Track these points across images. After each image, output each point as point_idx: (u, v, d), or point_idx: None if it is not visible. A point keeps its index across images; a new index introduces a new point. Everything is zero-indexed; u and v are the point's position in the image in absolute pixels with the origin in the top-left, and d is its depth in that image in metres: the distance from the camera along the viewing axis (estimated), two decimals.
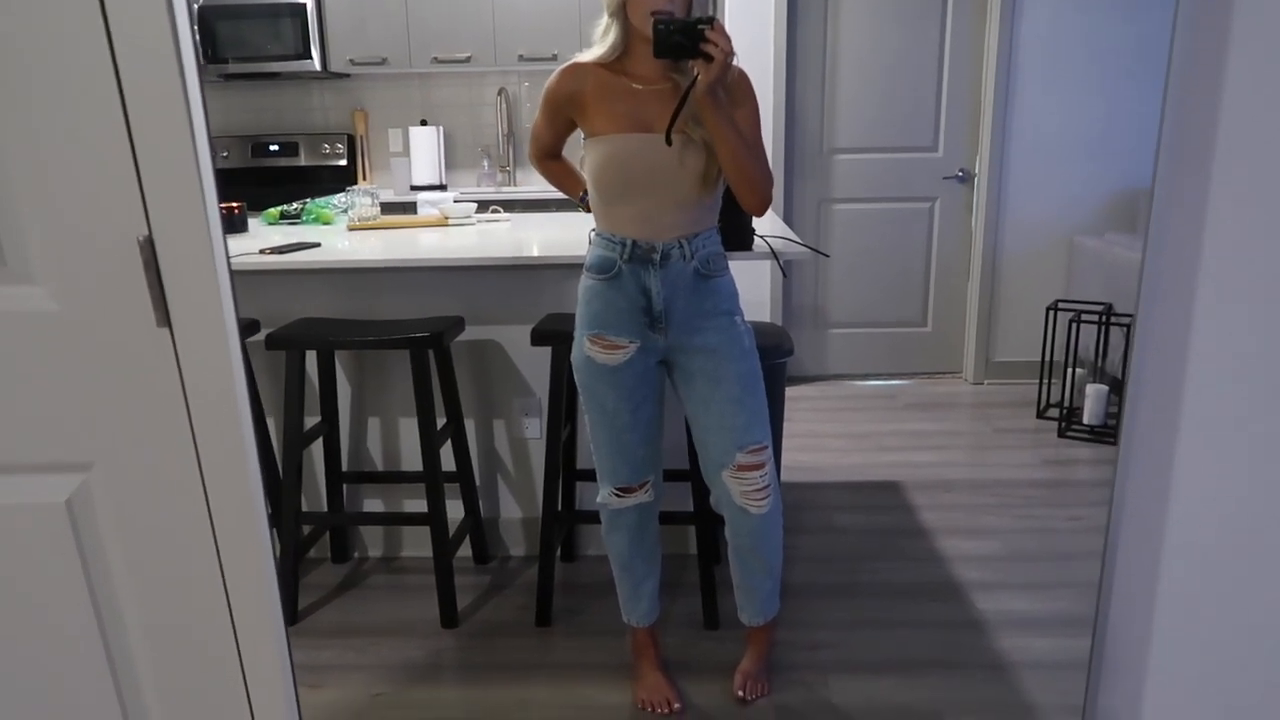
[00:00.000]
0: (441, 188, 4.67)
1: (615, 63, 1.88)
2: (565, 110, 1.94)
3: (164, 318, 1.03)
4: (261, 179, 4.82)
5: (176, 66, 0.96)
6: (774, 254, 2.34)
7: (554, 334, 2.37)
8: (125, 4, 0.95)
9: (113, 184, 0.99)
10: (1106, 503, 1.41)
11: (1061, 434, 3.84)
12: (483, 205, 3.49)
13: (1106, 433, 3.78)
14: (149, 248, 1.01)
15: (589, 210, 2.03)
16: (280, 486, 2.50)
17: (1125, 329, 3.74)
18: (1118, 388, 3.82)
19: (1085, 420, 3.84)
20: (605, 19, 1.87)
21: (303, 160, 4.83)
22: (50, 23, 0.96)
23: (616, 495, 2.09)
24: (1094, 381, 3.91)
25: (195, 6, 4.29)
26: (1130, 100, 4.22)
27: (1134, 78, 4.19)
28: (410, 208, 4.19)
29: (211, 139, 1.06)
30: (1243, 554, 1.29)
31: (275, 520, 2.57)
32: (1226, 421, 1.26)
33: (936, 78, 4.35)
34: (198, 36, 4.31)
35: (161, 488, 1.11)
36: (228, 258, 1.01)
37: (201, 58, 4.33)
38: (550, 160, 2.15)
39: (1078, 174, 4.34)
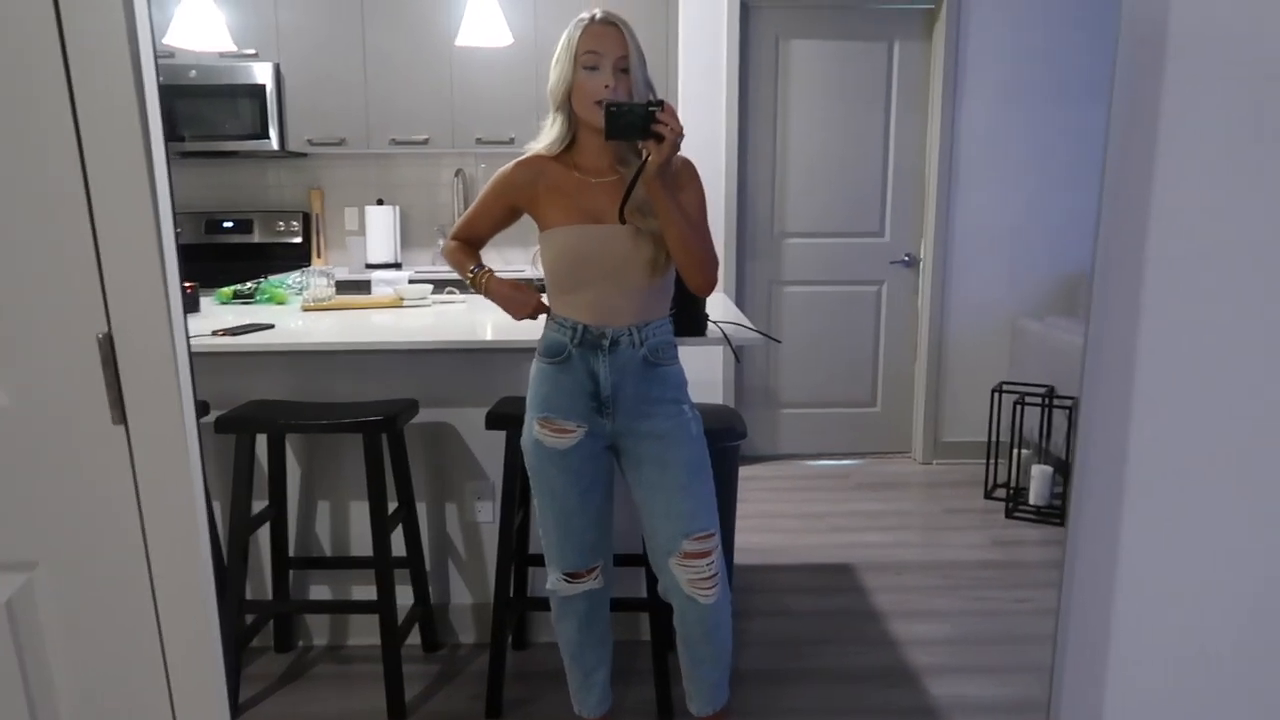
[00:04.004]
0: (397, 266, 4.69)
1: (564, 155, 1.95)
2: (513, 197, 1.98)
3: (120, 415, 1.02)
4: (214, 255, 4.80)
5: (145, 167, 0.97)
6: (727, 339, 2.38)
7: (508, 417, 2.37)
8: (94, 101, 0.97)
9: (74, 281, 0.99)
10: (1054, 584, 1.44)
11: (1009, 514, 3.90)
12: (438, 285, 3.50)
13: (1052, 513, 3.84)
14: (108, 345, 1.00)
15: (477, 288, 2.05)
16: (224, 573, 2.44)
17: (1068, 411, 3.84)
18: (1062, 468, 3.90)
19: (1031, 501, 3.91)
20: (551, 114, 1.94)
21: (257, 237, 4.82)
22: (16, 118, 0.97)
23: (565, 581, 2.08)
24: (1039, 462, 3.99)
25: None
26: (1068, 187, 4.40)
27: (1071, 166, 4.38)
28: (365, 286, 4.20)
29: (175, 230, 1.07)
30: (1191, 636, 1.32)
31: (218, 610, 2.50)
32: (1169, 502, 1.31)
33: (882, 166, 4.50)
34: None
35: (108, 588, 1.08)
36: (190, 358, 1.01)
37: None
38: (469, 245, 2.12)
39: (1019, 258, 4.49)
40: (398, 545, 2.62)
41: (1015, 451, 4.03)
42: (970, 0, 4.26)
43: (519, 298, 2.03)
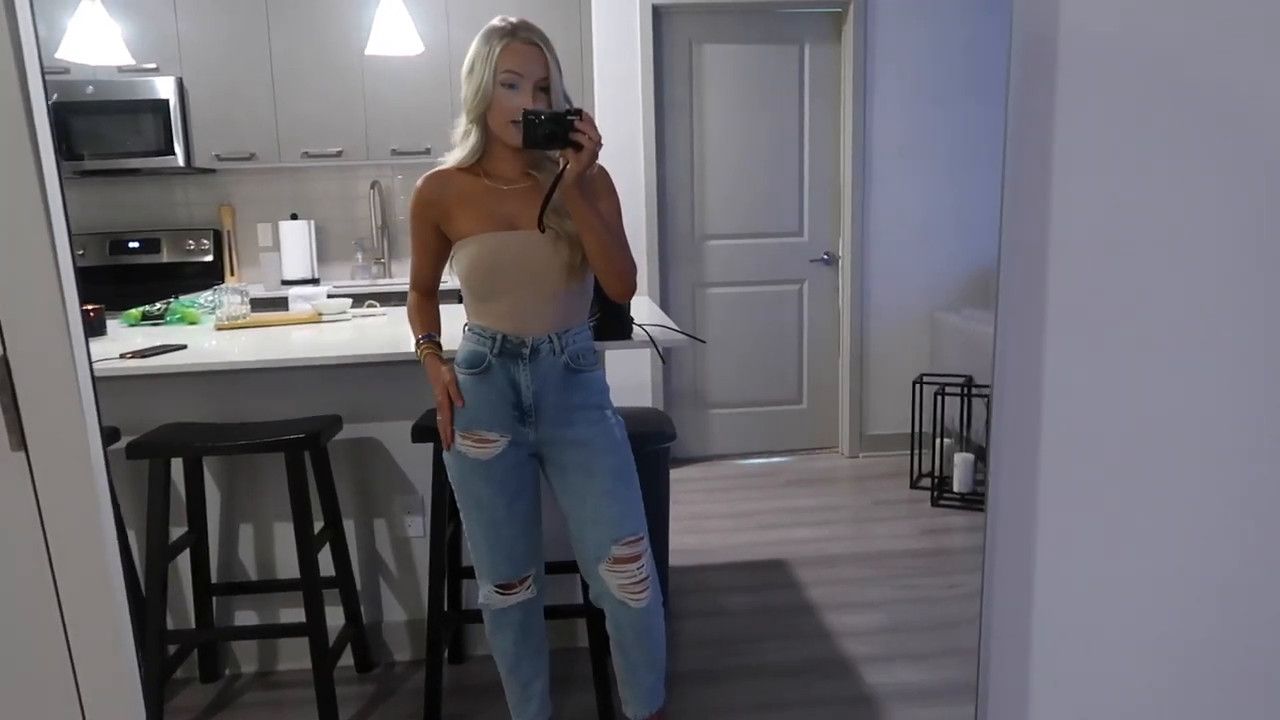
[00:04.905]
0: (314, 282, 4.59)
1: (475, 165, 1.93)
2: (431, 215, 1.95)
3: (19, 441, 0.97)
4: (121, 277, 4.63)
5: (38, 185, 0.93)
6: (653, 342, 2.39)
7: (435, 429, 2.33)
8: None
9: None
10: (980, 569, 1.48)
11: (934, 503, 3.99)
12: (358, 299, 3.44)
13: (975, 499, 3.94)
14: (4, 368, 0.96)
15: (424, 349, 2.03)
16: (143, 604, 2.35)
17: (986, 399, 3.94)
18: (983, 455, 4.01)
19: (955, 488, 4.01)
20: (464, 123, 1.91)
21: (165, 257, 4.67)
22: None
23: (499, 593, 2.05)
24: (961, 450, 4.09)
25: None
26: (981, 182, 4.52)
27: (983, 161, 4.50)
28: (282, 303, 4.10)
29: (72, 247, 1.03)
30: (1109, 613, 1.36)
31: (138, 642, 2.41)
32: (1081, 484, 1.35)
33: (798, 166, 4.57)
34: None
35: (14, 623, 1.03)
36: (93, 376, 0.97)
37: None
38: (426, 298, 2.09)
39: (935, 253, 4.60)
40: (326, 565, 2.57)
41: (938, 441, 4.12)
42: (876, 1, 4.36)
43: (440, 388, 1.98)
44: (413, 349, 2.08)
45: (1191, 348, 1.26)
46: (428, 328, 2.08)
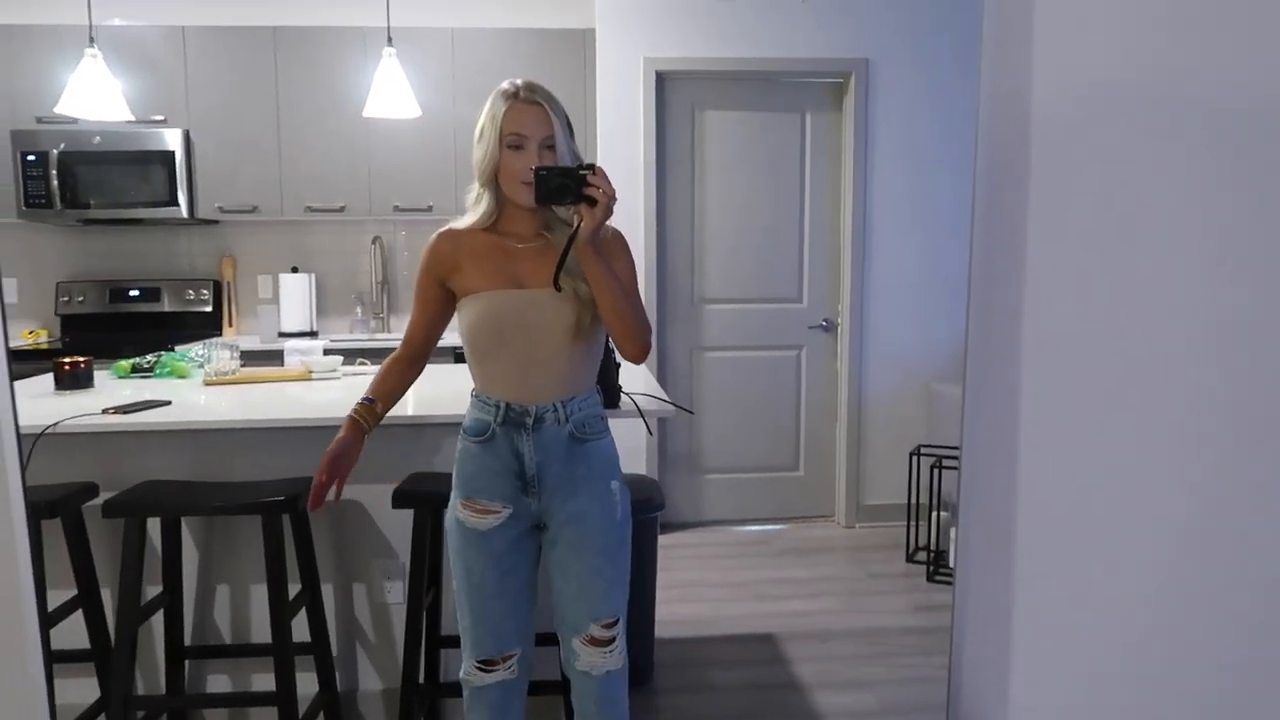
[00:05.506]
0: (313, 334, 4.58)
1: (489, 226, 1.92)
2: (440, 271, 1.93)
3: None
4: (120, 324, 4.63)
5: None
6: (641, 414, 2.35)
7: (416, 495, 2.30)
8: None
9: None
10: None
11: (930, 578, 3.91)
12: (349, 356, 3.42)
13: None
14: None
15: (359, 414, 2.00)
16: (110, 667, 2.29)
17: None
18: None
19: (951, 564, 3.93)
20: (476, 187, 1.91)
21: (166, 306, 4.68)
22: None
23: (479, 668, 1.98)
24: (957, 524, 4.02)
25: (55, 153, 4.18)
26: None
27: None
28: (278, 355, 4.08)
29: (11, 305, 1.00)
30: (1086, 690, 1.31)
31: (104, 705, 2.35)
32: (1057, 561, 1.31)
33: (798, 233, 4.58)
34: (57, 182, 4.19)
35: None
36: (17, 434, 0.93)
37: (60, 202, 4.20)
38: (405, 365, 2.04)
39: (934, 323, 4.58)
40: (303, 630, 2.50)
41: (934, 514, 4.05)
42: (877, 73, 4.41)
43: (334, 456, 1.97)
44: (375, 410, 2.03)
45: (1170, 412, 1.22)
46: (377, 390, 2.03)
